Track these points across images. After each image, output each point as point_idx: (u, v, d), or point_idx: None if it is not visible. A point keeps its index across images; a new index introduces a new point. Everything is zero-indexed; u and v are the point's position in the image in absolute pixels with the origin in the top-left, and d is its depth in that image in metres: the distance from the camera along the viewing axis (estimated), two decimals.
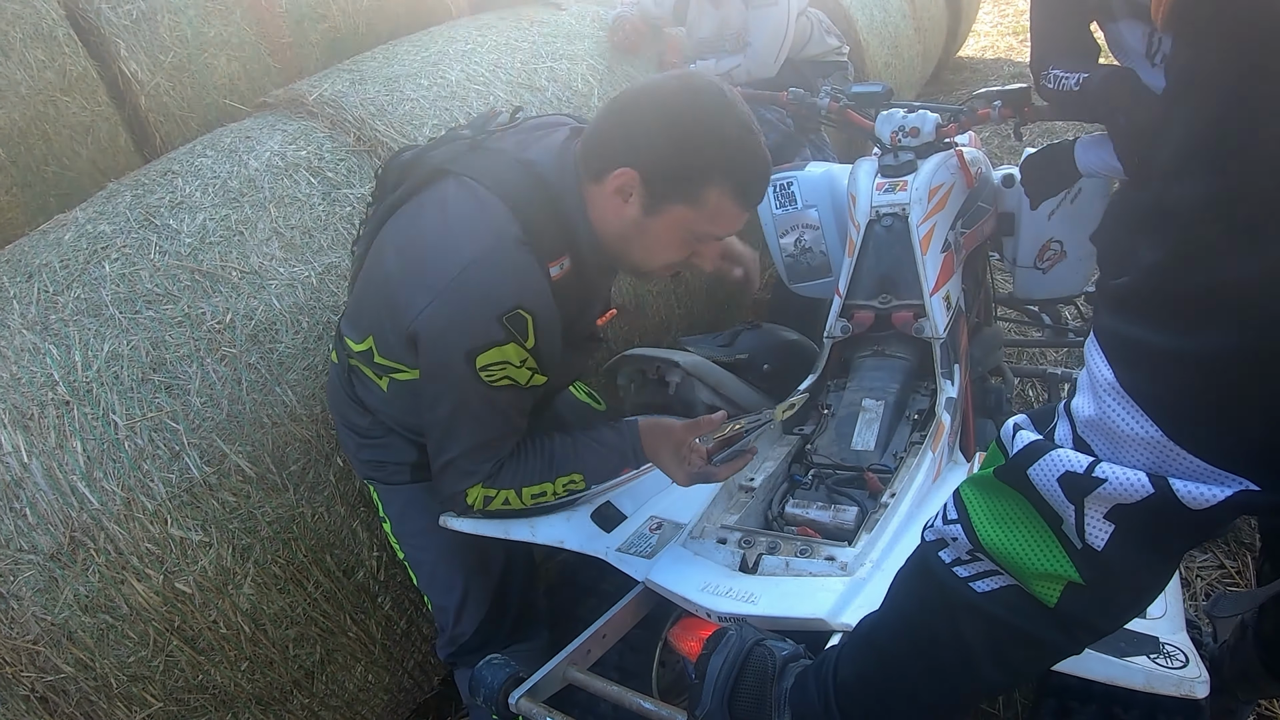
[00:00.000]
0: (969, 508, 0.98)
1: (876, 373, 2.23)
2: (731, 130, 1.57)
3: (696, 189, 1.59)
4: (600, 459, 1.83)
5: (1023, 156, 2.66)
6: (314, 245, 2.35)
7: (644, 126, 1.58)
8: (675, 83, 1.60)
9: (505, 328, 1.58)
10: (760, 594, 1.55)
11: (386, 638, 2.35)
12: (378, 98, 2.80)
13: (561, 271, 1.69)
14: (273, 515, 2.10)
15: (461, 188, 1.67)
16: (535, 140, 1.75)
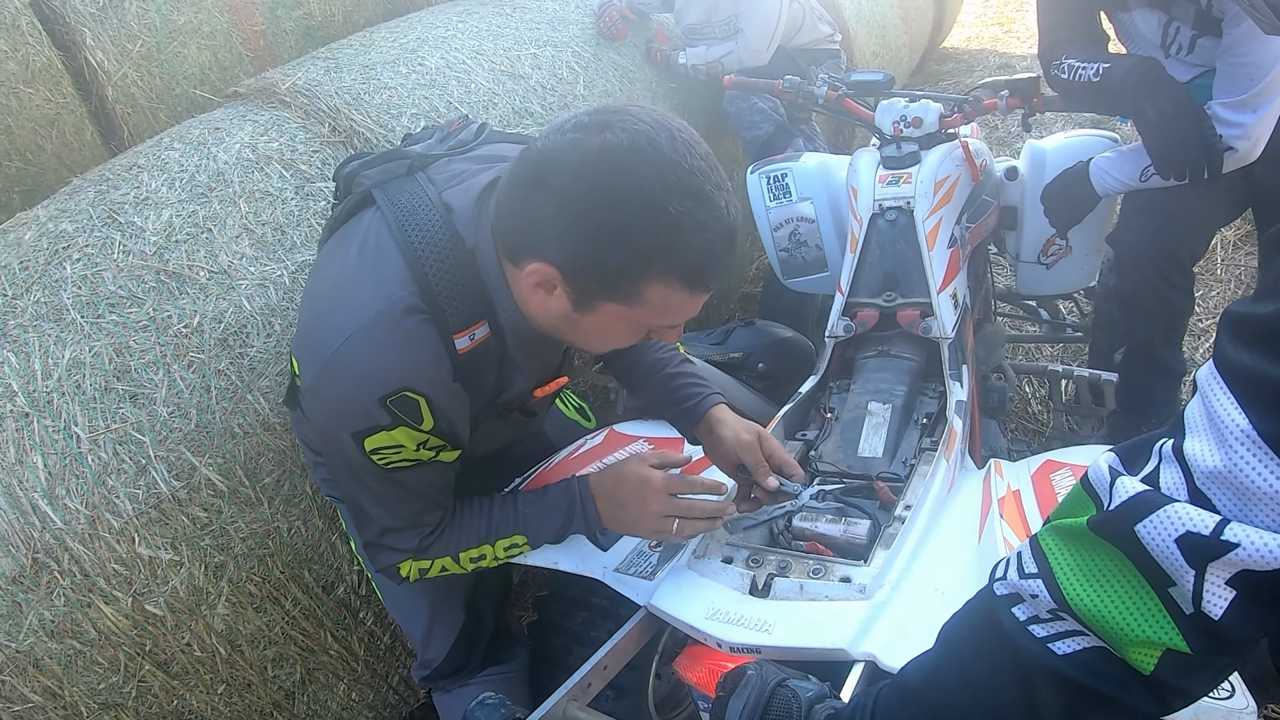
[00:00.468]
0: (1053, 561, 0.86)
1: (882, 374, 2.14)
2: (673, 206, 1.21)
3: (631, 286, 1.29)
4: (543, 519, 1.63)
5: (1024, 150, 2.59)
6: (286, 242, 2.23)
7: (556, 213, 1.25)
8: (596, 145, 1.21)
9: (390, 411, 1.37)
10: (774, 621, 1.44)
11: (369, 654, 2.25)
12: (353, 86, 2.69)
13: (474, 342, 1.44)
14: (246, 530, 1.98)
15: (372, 230, 1.46)
16: (470, 176, 1.51)
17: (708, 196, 1.25)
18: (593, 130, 1.23)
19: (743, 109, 3.51)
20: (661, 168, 1.21)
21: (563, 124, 1.27)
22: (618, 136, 1.22)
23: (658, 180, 1.21)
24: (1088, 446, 1.82)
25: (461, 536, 1.60)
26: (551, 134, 1.27)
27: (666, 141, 1.23)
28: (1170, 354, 2.55)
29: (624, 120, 1.24)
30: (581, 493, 1.63)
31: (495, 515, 1.62)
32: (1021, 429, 3.37)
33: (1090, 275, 2.64)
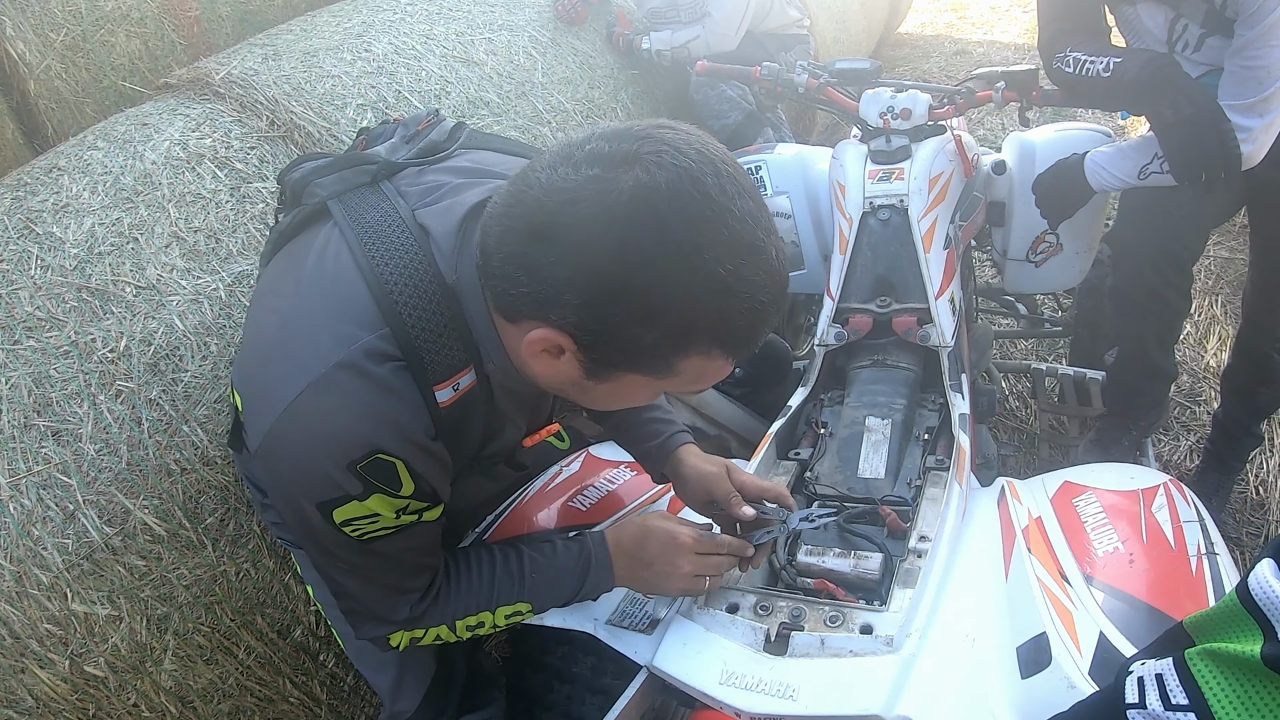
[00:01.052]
0: (1209, 695, 0.73)
1: (878, 386, 2.00)
2: (724, 268, 0.98)
3: (664, 361, 1.06)
4: (552, 585, 1.45)
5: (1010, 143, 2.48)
6: (221, 251, 2.05)
7: (572, 278, 0.99)
8: (624, 191, 0.96)
9: (361, 478, 1.15)
10: (797, 685, 1.29)
11: (333, 697, 2.11)
12: (294, 75, 2.51)
13: (458, 393, 1.21)
14: (190, 577, 1.81)
15: (330, 253, 1.22)
16: (449, 192, 1.26)
17: (760, 248, 1.01)
18: (617, 165, 0.97)
19: (711, 97, 3.37)
20: (710, 219, 0.97)
21: (571, 152, 1.00)
22: (652, 176, 0.96)
23: (706, 237, 0.97)
24: (1106, 466, 1.69)
25: (459, 603, 1.40)
26: (559, 166, 1.00)
27: (713, 181, 0.98)
28: (1164, 356, 2.48)
29: (657, 152, 0.98)
30: (598, 554, 1.46)
31: (498, 579, 1.42)
32: (1001, 426, 3.28)
33: (1079, 274, 2.54)
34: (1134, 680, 0.81)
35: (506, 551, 1.45)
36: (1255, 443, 2.84)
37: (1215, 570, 1.34)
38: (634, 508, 1.78)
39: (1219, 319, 3.71)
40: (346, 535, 1.21)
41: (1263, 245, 2.48)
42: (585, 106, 3.07)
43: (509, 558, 1.44)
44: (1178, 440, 3.22)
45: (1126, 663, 0.84)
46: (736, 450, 2.44)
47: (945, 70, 6.47)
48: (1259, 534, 2.84)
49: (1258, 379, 2.65)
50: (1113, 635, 1.25)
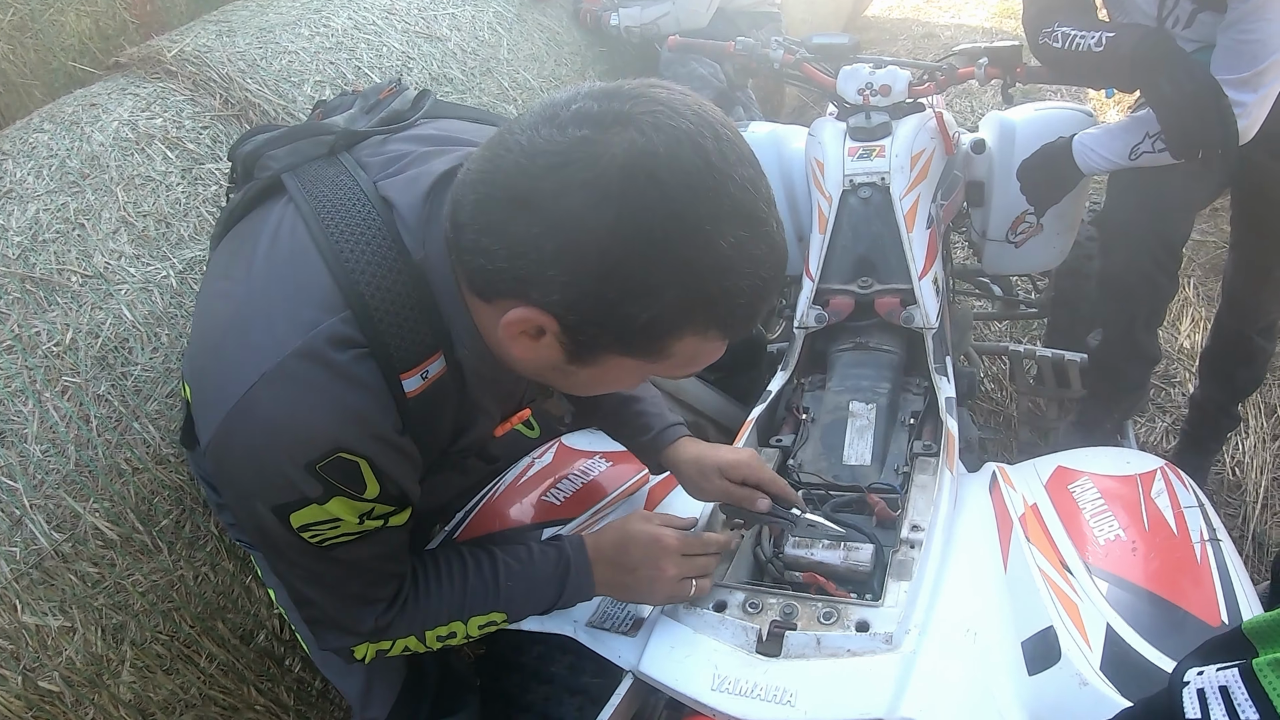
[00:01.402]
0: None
1: (861, 369, 1.96)
2: (725, 239, 0.90)
3: (658, 342, 0.97)
4: (529, 594, 1.36)
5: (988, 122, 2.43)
6: (172, 236, 1.95)
7: (557, 251, 0.89)
8: (617, 152, 0.86)
9: (321, 479, 1.05)
10: (795, 689, 1.23)
11: (300, 702, 2.03)
12: (248, 51, 2.40)
13: (426, 382, 1.11)
14: (146, 584, 1.72)
15: (285, 230, 1.12)
16: (414, 161, 1.16)
17: (762, 219, 0.93)
18: (608, 126, 0.87)
19: (680, 75, 3.29)
20: (713, 187, 0.88)
21: (556, 112, 0.90)
22: (649, 139, 0.87)
23: (709, 207, 0.88)
24: (1099, 450, 1.65)
25: (429, 613, 1.30)
26: (542, 127, 0.90)
27: (713, 145, 0.89)
28: (1149, 339, 2.45)
29: (652, 112, 0.88)
30: (577, 561, 1.37)
31: (471, 587, 1.33)
32: (978, 409, 3.25)
33: (1060, 255, 2.51)
34: (1192, 693, 0.74)
35: (479, 557, 1.35)
36: (1233, 424, 2.83)
37: (1220, 557, 1.29)
38: (612, 500, 1.71)
39: (1192, 301, 3.71)
40: (305, 541, 1.11)
41: (1245, 227, 2.46)
42: (551, 84, 3.00)
43: (482, 564, 1.35)
44: (1154, 422, 3.21)
45: (1178, 672, 0.77)
46: (713, 436, 2.39)
47: (914, 53, 6.40)
48: (1237, 515, 2.83)
49: (1237, 361, 2.64)
50: (1120, 628, 1.20)
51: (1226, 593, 1.23)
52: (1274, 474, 2.95)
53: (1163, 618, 1.22)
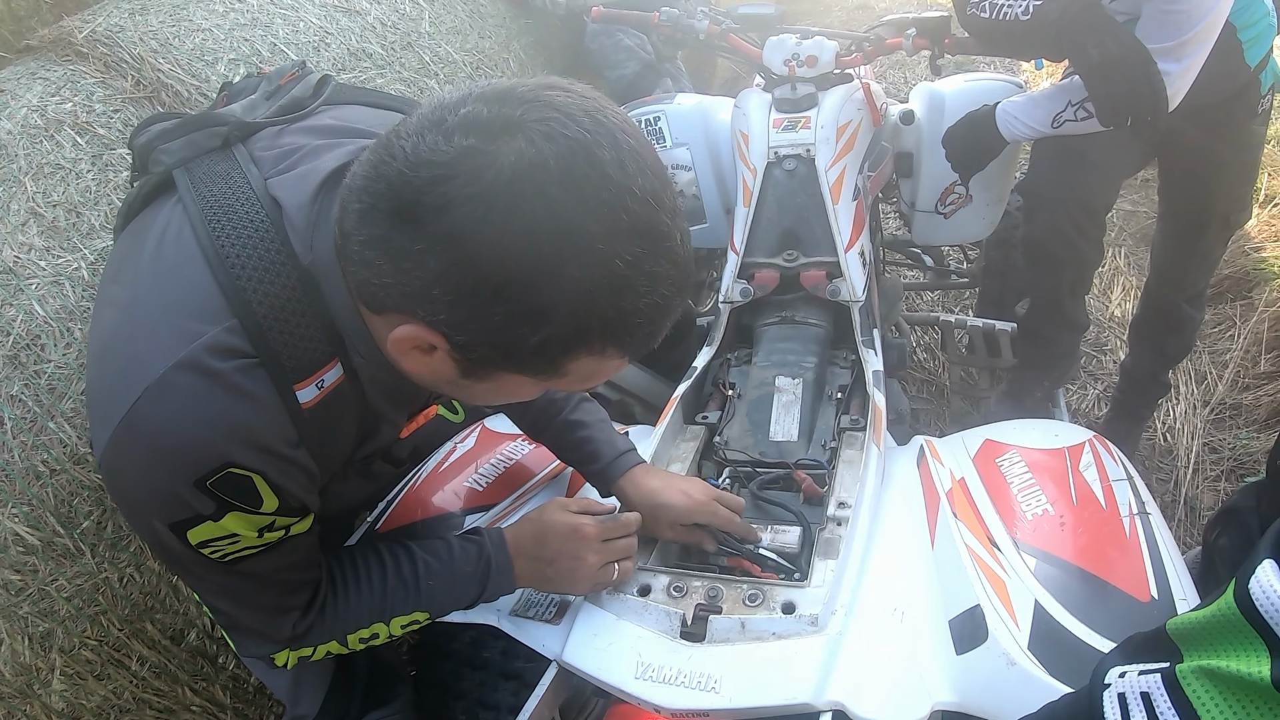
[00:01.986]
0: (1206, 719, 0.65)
1: (787, 344, 1.95)
2: (621, 258, 0.85)
3: (551, 363, 0.93)
4: (450, 592, 1.33)
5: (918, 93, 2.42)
6: (83, 226, 1.89)
7: (442, 271, 0.84)
8: (505, 167, 0.80)
9: (213, 495, 1.00)
10: (719, 675, 1.22)
11: (238, 700, 2.00)
12: (161, 30, 2.32)
13: (322, 391, 1.06)
14: (71, 588, 1.68)
15: (171, 232, 1.06)
16: (306, 156, 1.10)
17: (664, 234, 0.88)
18: (496, 135, 0.81)
19: (607, 46, 3.24)
20: (608, 202, 0.83)
21: (443, 116, 0.84)
22: (539, 150, 0.81)
23: (604, 224, 0.83)
24: (1027, 422, 1.66)
25: (349, 617, 1.27)
26: (428, 133, 0.83)
27: (611, 155, 0.83)
28: (1076, 307, 2.48)
29: (544, 119, 0.83)
30: (497, 557, 1.35)
31: (391, 589, 1.29)
32: (910, 379, 3.27)
33: (989, 225, 2.51)
34: (1113, 697, 0.73)
35: (399, 556, 1.32)
36: (1163, 391, 2.87)
37: (1149, 531, 1.30)
38: (536, 483, 1.69)
39: (1123, 270, 3.76)
40: (207, 558, 1.07)
41: (1170, 198, 2.49)
42: (475, 58, 2.93)
43: (401, 564, 1.31)
44: (1085, 389, 3.26)
45: (1100, 670, 0.76)
46: (640, 415, 2.37)
47: (848, 24, 6.37)
48: (1168, 480, 2.88)
49: (1166, 329, 2.68)
50: (1049, 604, 1.21)
51: (1155, 567, 1.24)
52: (1205, 439, 3.01)
53: (1091, 593, 1.22)
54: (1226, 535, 1.96)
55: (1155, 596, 1.20)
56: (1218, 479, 2.90)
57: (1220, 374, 3.25)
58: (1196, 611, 0.69)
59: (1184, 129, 2.22)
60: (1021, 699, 1.09)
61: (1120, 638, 0.80)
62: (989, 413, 2.70)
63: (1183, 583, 1.22)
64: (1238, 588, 0.65)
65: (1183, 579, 1.23)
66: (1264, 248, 3.70)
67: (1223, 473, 2.91)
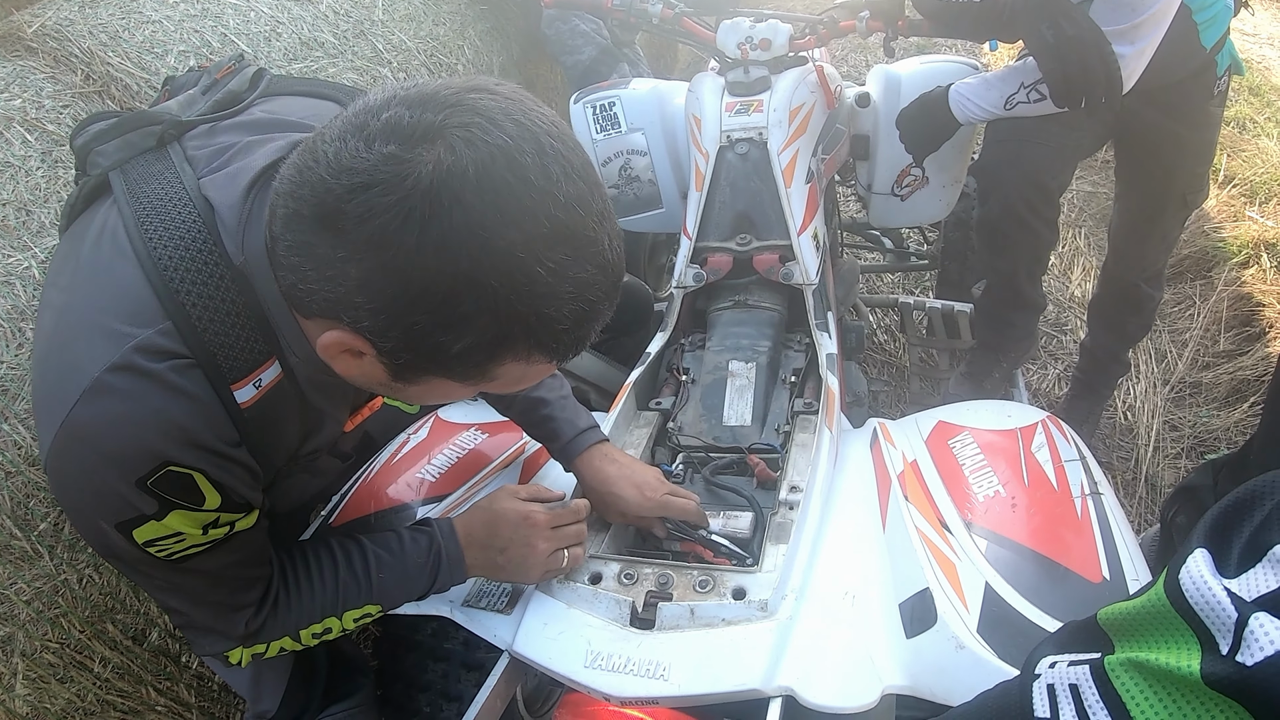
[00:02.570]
0: (1136, 714, 0.62)
1: (741, 328, 1.94)
2: (544, 265, 0.84)
3: (477, 368, 0.93)
4: (401, 585, 1.33)
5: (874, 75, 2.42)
6: (33, 225, 1.85)
7: (364, 278, 0.84)
8: (424, 174, 0.79)
9: (155, 495, 1.00)
10: (669, 662, 1.22)
11: (203, 698, 1.96)
12: (111, 23, 2.30)
13: (261, 390, 1.07)
14: (30, 591, 1.64)
15: (107, 235, 1.05)
16: (238, 153, 1.09)
17: (590, 240, 0.87)
18: (416, 142, 0.80)
19: (563, 32, 3.22)
20: (529, 209, 0.82)
21: (365, 121, 0.83)
22: (458, 157, 0.80)
23: (524, 231, 0.82)
24: (980, 403, 1.66)
25: (302, 612, 1.27)
26: (350, 138, 0.82)
27: (534, 160, 0.83)
28: (1032, 288, 2.49)
29: (466, 125, 0.81)
30: (448, 548, 1.34)
31: (343, 583, 1.29)
32: (870, 360, 3.29)
33: (946, 207, 2.51)
34: (1043, 688, 0.71)
35: (349, 550, 1.31)
36: (1123, 370, 2.89)
37: (1101, 511, 1.31)
38: (489, 472, 1.68)
39: (1083, 250, 3.79)
40: (154, 557, 1.07)
41: (1128, 178, 2.50)
42: (430, 45, 2.91)
43: (353, 558, 1.31)
44: (1045, 369, 3.28)
45: (1032, 660, 0.75)
46: (596, 402, 2.37)
47: (803, 8, 6.35)
48: (1129, 458, 2.91)
49: (1125, 309, 2.70)
50: (999, 586, 1.21)
51: (1108, 547, 1.25)
52: (1165, 417, 3.04)
53: (1043, 575, 1.22)
54: (1184, 513, 1.98)
55: (1107, 577, 1.20)
56: (1178, 457, 2.93)
57: (1180, 353, 3.28)
58: (1128, 601, 0.68)
59: (1141, 110, 2.23)
60: (970, 681, 1.10)
61: (1071, 619, 0.79)
62: (948, 394, 2.72)
63: (1135, 563, 1.23)
64: (1168, 577, 0.63)
65: (1135, 560, 1.23)
66: (1223, 228, 3.74)
67: (1183, 450, 2.94)
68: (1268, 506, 0.61)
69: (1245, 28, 5.56)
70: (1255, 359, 3.15)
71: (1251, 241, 3.63)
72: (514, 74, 3.43)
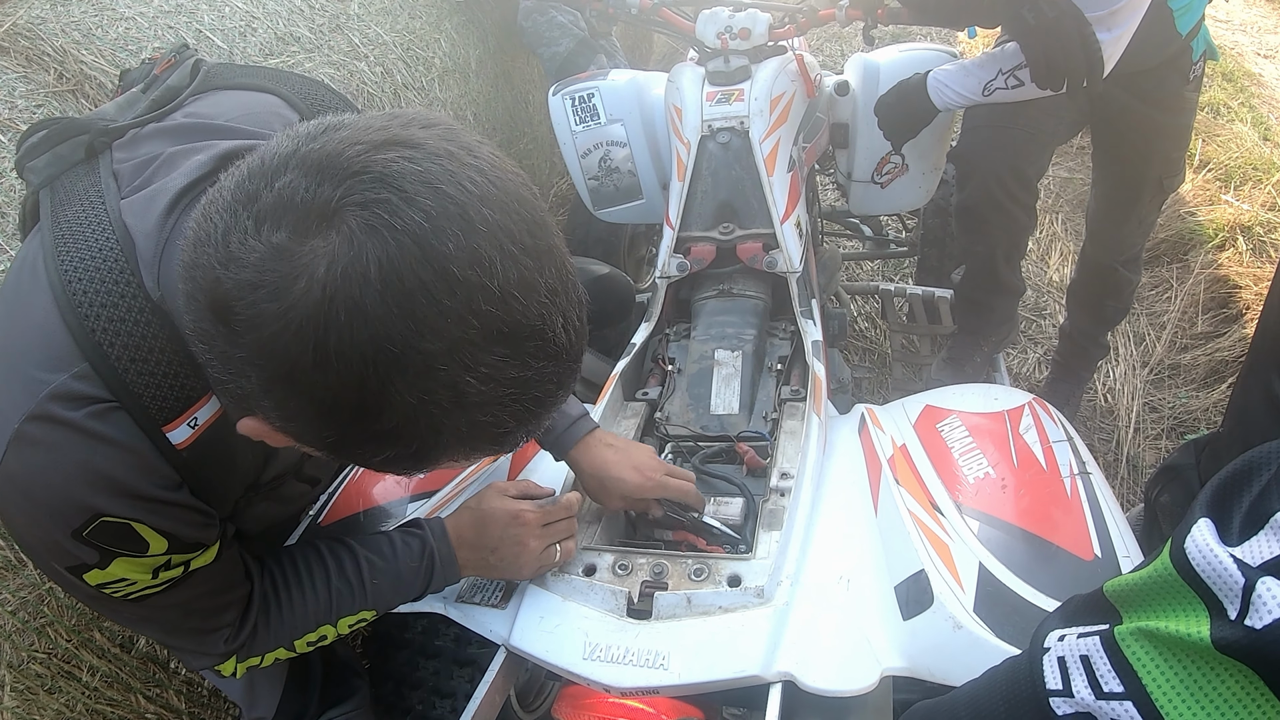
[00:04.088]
0: (1149, 683, 0.63)
1: (726, 316, 1.94)
2: (475, 375, 0.71)
3: (416, 467, 0.82)
4: (395, 589, 1.29)
5: (852, 64, 2.42)
6: (9, 227, 1.83)
7: (266, 384, 0.73)
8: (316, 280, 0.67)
9: (94, 546, 0.94)
10: (668, 651, 1.22)
11: (193, 704, 1.94)
12: (84, 20, 2.27)
13: (199, 429, 0.98)
14: (15, 601, 1.62)
15: (29, 265, 0.97)
16: (157, 173, 1.00)
17: (533, 330, 0.73)
18: (309, 228, 0.68)
19: (540, 24, 3.21)
20: (451, 311, 0.68)
21: (257, 191, 0.70)
22: (356, 252, 0.66)
23: (444, 338, 0.69)
24: (966, 387, 1.66)
25: (295, 623, 1.22)
26: (240, 212, 0.70)
27: (457, 245, 0.68)
28: (1011, 272, 2.51)
29: (367, 201, 0.67)
30: (440, 549, 1.31)
31: (335, 590, 1.25)
32: (852, 348, 3.30)
33: (926, 194, 2.51)
34: (1053, 661, 0.71)
35: (341, 556, 1.27)
36: (1102, 353, 2.91)
37: (1090, 490, 1.31)
38: (476, 467, 1.67)
39: (1060, 235, 3.81)
40: (112, 597, 1.02)
41: (1105, 164, 2.52)
42: (406, 39, 2.89)
43: (344, 565, 1.26)
44: (1026, 353, 3.30)
45: (1040, 634, 0.75)
46: (581, 394, 2.36)
47: None
48: (1110, 439, 2.93)
49: (1103, 292, 2.71)
50: (993, 565, 1.21)
51: (1098, 525, 1.25)
52: (1145, 399, 3.06)
53: (1035, 553, 1.23)
54: (1168, 492, 1.99)
55: (1098, 555, 1.21)
56: (1158, 437, 2.95)
57: (1159, 335, 3.31)
58: (1134, 573, 0.68)
59: (1117, 95, 2.25)
60: (969, 661, 1.10)
61: (1065, 596, 0.79)
62: (930, 379, 2.73)
63: (1125, 540, 1.23)
64: (1174, 547, 0.63)
65: (1125, 537, 1.24)
66: (1198, 211, 3.77)
67: (1163, 431, 2.96)
68: (1265, 476, 0.62)
69: (1218, 14, 5.62)
70: (1232, 340, 3.18)
71: (1227, 225, 3.66)
72: (491, 66, 3.42)
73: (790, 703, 1.18)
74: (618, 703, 1.22)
